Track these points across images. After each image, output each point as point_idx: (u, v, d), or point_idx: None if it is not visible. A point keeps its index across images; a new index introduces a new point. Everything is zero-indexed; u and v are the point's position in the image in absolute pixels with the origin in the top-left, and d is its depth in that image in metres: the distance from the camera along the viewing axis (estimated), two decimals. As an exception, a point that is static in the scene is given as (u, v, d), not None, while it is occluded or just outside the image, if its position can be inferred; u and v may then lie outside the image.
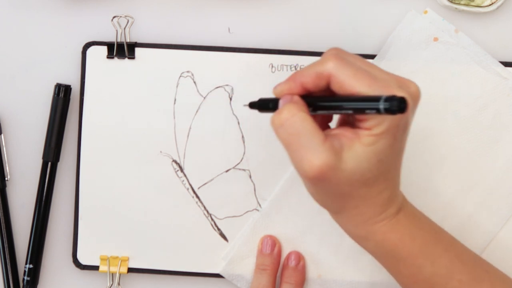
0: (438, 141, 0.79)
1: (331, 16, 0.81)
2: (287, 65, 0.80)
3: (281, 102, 0.67)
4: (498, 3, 0.79)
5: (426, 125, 0.79)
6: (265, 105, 0.70)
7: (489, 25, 0.80)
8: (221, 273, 0.80)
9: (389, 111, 0.60)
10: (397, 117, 0.63)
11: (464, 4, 0.79)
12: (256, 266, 0.79)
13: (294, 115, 0.64)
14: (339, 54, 0.66)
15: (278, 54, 0.80)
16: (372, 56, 0.80)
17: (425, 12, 0.80)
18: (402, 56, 0.79)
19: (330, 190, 0.65)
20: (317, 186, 0.66)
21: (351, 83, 0.64)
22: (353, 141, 0.64)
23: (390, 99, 0.60)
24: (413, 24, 0.79)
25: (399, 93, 0.63)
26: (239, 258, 0.80)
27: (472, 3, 0.79)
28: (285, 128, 0.64)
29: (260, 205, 0.80)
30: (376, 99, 0.60)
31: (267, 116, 0.79)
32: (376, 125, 0.64)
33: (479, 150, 0.79)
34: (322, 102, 0.65)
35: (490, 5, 0.79)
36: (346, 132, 0.65)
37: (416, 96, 0.66)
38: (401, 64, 0.79)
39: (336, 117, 0.71)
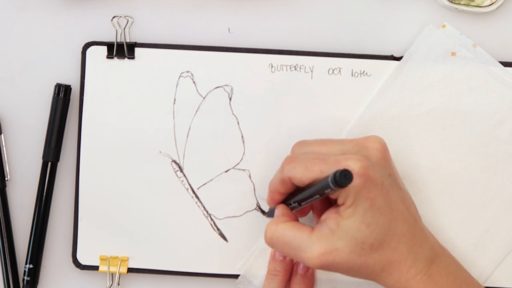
0: (454, 156, 0.79)
1: (331, 16, 0.81)
2: (286, 65, 0.80)
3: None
4: (498, 3, 0.79)
5: (443, 139, 0.79)
6: (270, 213, 0.78)
7: (489, 25, 0.80)
8: (237, 284, 0.80)
9: (338, 186, 0.64)
10: (358, 181, 0.68)
11: (464, 4, 0.79)
12: (268, 271, 0.78)
13: (274, 231, 0.72)
14: (292, 155, 0.74)
15: (278, 54, 0.80)
16: (372, 56, 0.80)
17: (443, 26, 0.80)
18: (419, 70, 0.79)
19: (346, 268, 0.70)
20: (334, 270, 0.70)
21: (306, 176, 0.70)
22: (337, 220, 0.69)
23: (334, 177, 0.64)
24: (430, 38, 0.79)
25: (351, 163, 0.68)
26: (255, 269, 0.80)
27: (472, 3, 0.79)
28: (275, 244, 0.72)
29: (260, 205, 0.80)
30: (326, 181, 0.66)
31: (267, 116, 0.80)
32: (346, 197, 0.69)
33: (495, 165, 0.79)
34: (294, 199, 0.73)
35: (490, 5, 0.79)
36: (331, 214, 0.70)
37: (380, 150, 0.72)
38: (418, 79, 0.79)
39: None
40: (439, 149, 0.79)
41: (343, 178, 0.63)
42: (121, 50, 0.80)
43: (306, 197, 0.71)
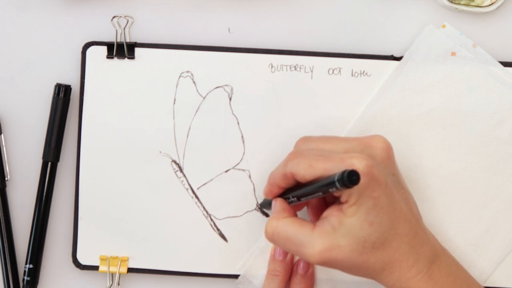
0: (454, 156, 0.79)
1: (331, 16, 0.81)
2: (286, 65, 0.80)
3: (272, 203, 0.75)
4: (498, 3, 0.79)
5: (443, 139, 0.79)
6: (265, 205, 0.79)
7: (489, 25, 0.80)
8: (237, 284, 0.80)
9: (345, 186, 0.64)
10: (362, 180, 0.67)
11: (464, 4, 0.79)
12: (268, 271, 0.79)
13: (276, 227, 0.72)
14: (296, 151, 0.74)
15: (278, 54, 0.80)
16: (372, 56, 0.80)
17: (443, 26, 0.80)
18: (419, 70, 0.79)
19: (347, 265, 0.70)
20: (335, 267, 0.70)
21: (309, 173, 0.70)
22: (339, 217, 0.69)
23: (340, 176, 0.64)
24: (430, 38, 0.79)
25: (356, 161, 0.68)
26: (255, 269, 0.80)
27: (472, 3, 0.79)
28: (276, 239, 0.72)
29: (260, 205, 0.80)
30: (331, 179, 0.65)
31: (267, 116, 0.80)
32: (350, 195, 0.68)
33: (495, 165, 0.79)
34: (294, 193, 0.72)
35: (490, 5, 0.79)
36: (333, 211, 0.70)
37: (385, 149, 0.72)
38: (418, 79, 0.79)
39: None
40: (439, 149, 0.79)
41: (350, 179, 0.63)
42: (121, 50, 0.80)
43: (307, 193, 0.70)
